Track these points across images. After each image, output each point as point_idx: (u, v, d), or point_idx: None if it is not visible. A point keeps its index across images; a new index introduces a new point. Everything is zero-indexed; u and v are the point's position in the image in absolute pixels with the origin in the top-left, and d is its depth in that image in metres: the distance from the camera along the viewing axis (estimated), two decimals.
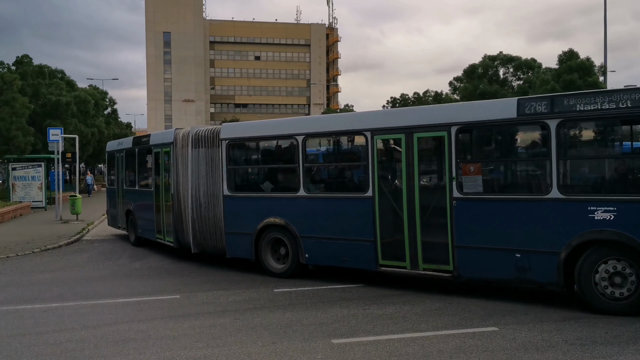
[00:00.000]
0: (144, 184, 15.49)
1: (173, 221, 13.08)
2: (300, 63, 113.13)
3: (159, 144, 14.03)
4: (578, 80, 34.01)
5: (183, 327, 7.70)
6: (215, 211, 11.88)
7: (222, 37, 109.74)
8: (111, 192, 18.20)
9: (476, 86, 42.89)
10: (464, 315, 7.99)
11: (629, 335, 6.88)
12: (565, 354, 6.25)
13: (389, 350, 6.49)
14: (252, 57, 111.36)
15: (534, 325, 7.37)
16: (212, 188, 11.93)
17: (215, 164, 11.85)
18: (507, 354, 6.29)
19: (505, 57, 44.86)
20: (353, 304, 8.85)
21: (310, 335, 7.20)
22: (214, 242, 12.08)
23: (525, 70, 44.62)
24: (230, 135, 11.68)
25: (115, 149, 17.62)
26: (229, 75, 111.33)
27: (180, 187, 12.73)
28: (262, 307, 8.79)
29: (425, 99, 58.19)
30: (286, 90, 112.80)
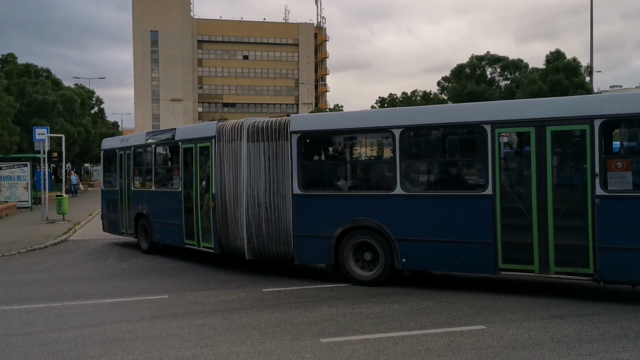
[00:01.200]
0: (166, 184, 14.15)
1: (214, 225, 11.67)
2: (288, 62, 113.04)
3: (191, 139, 12.57)
4: (564, 80, 34.28)
5: (171, 327, 7.67)
6: (279, 212, 10.67)
7: (210, 36, 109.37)
8: (109, 195, 16.38)
9: (464, 86, 43.04)
10: (452, 314, 8.04)
11: (615, 332, 6.95)
12: (552, 351, 6.31)
13: (378, 349, 6.51)
14: (241, 57, 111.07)
15: (521, 324, 7.42)
16: (275, 186, 10.72)
17: (280, 159, 10.69)
18: (494, 351, 6.34)
19: (493, 57, 45.09)
20: (342, 303, 8.86)
21: (299, 334, 7.20)
22: (277, 247, 10.82)
23: (512, 70, 44.89)
24: (304, 128, 10.56)
25: (117, 146, 15.87)
26: (217, 75, 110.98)
27: (226, 187, 11.43)
28: (250, 307, 8.78)
29: (413, 98, 58.33)
30: (274, 89, 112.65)
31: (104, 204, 16.95)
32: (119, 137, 16.55)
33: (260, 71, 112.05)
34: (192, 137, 12.63)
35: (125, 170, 15.35)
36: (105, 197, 16.78)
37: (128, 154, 15.15)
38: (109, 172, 16.85)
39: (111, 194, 16.26)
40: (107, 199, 16.64)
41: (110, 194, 16.31)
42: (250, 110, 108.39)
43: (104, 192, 16.82)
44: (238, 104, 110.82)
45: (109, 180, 16.73)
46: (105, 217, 16.86)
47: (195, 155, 12.40)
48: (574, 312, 7.98)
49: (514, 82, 43.10)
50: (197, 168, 12.37)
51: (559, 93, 32.75)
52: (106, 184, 16.86)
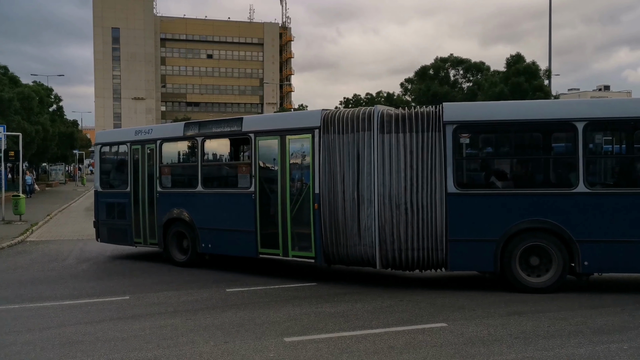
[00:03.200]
0: (225, 183, 12.22)
1: (317, 230, 10.11)
2: (253, 62, 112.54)
3: (273, 130, 10.86)
4: (524, 83, 35.09)
5: (133, 329, 7.57)
6: (425, 214, 9.40)
7: (174, 35, 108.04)
8: (112, 198, 13.77)
9: (428, 87, 43.65)
10: (414, 312, 8.16)
11: (571, 329, 7.17)
12: (509, 347, 6.47)
13: (341, 347, 6.56)
14: (205, 56, 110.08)
15: (480, 321, 7.58)
16: (419, 184, 9.43)
17: (425, 153, 9.43)
18: (454, 348, 6.46)
19: (456, 59, 45.89)
20: (306, 302, 8.89)
21: (262, 333, 7.20)
22: (419, 253, 9.51)
23: (474, 72, 45.77)
24: (461, 118, 9.41)
25: (127, 139, 13.42)
26: (180, 74, 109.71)
27: (340, 185, 9.94)
28: (214, 307, 8.73)
29: (378, 99, 58.83)
30: (239, 89, 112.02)
31: (101, 209, 14.00)
32: (128, 129, 14.06)
33: (224, 70, 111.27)
34: (276, 129, 10.85)
35: (143, 169, 12.97)
36: (103, 200, 13.95)
37: (150, 148, 12.85)
38: (110, 170, 14.38)
39: (116, 197, 13.64)
40: (107, 204, 13.85)
41: (114, 197, 13.69)
42: (214, 109, 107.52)
43: (101, 195, 14.00)
44: (202, 103, 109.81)
45: (111, 180, 14.23)
46: (104, 224, 13.93)
47: (283, 149, 10.63)
48: (532, 309, 8.19)
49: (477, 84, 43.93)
50: (285, 164, 10.59)
51: (519, 95, 33.51)
52: (105, 185, 14.11)
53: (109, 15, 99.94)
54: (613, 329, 7.14)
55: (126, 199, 13.29)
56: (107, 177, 14.32)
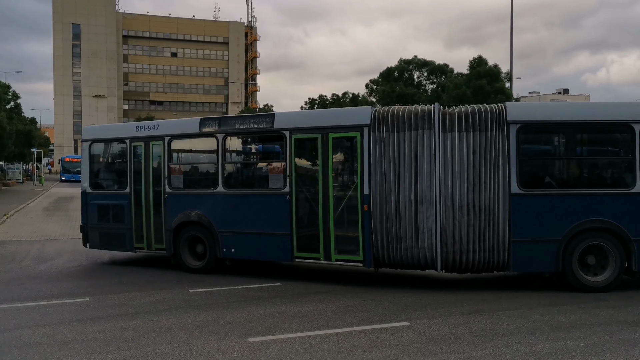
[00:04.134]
0: (253, 183, 11.61)
1: (367, 232, 9.69)
2: (218, 61, 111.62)
3: (313, 128, 10.27)
4: (486, 85, 35.79)
5: (92, 331, 7.42)
6: (487, 215, 9.24)
7: (137, 32, 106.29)
8: (106, 200, 12.61)
9: (392, 89, 44.09)
10: (377, 311, 8.23)
11: (530, 326, 7.34)
12: (470, 344, 6.59)
13: (305, 347, 6.57)
14: (169, 54, 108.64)
15: (442, 319, 7.70)
16: (482, 185, 9.26)
17: (488, 152, 9.28)
18: (417, 346, 6.55)
19: (420, 61, 46.53)
20: (270, 302, 8.87)
21: (226, 334, 7.15)
22: (480, 255, 9.34)
23: (438, 74, 46.46)
24: (525, 118, 9.37)
25: (126, 135, 12.27)
26: (143, 72, 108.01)
27: (395, 185, 9.54)
28: (177, 308, 8.63)
29: (343, 100, 59.11)
30: (203, 88, 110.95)
31: (91, 212, 12.69)
32: (127, 125, 13.01)
33: (189, 69, 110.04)
34: (316, 126, 10.28)
35: (147, 168, 11.92)
36: (94, 203, 12.65)
37: (156, 145, 11.82)
38: (103, 169, 13.29)
39: (111, 199, 12.52)
40: (100, 206, 12.62)
41: (109, 198, 12.58)
42: (179, 108, 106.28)
43: (92, 197, 12.69)
44: (166, 102, 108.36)
45: (104, 180, 13.18)
46: (95, 228, 12.66)
47: (324, 148, 10.08)
48: (492, 307, 8.36)
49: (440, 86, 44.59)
50: (327, 164, 10.06)
51: (481, 98, 34.16)
52: (96, 186, 12.86)
53: (70, 11, 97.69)
54: (570, 326, 7.34)
55: (125, 201, 12.15)
56: (99, 177, 13.13)
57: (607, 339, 6.73)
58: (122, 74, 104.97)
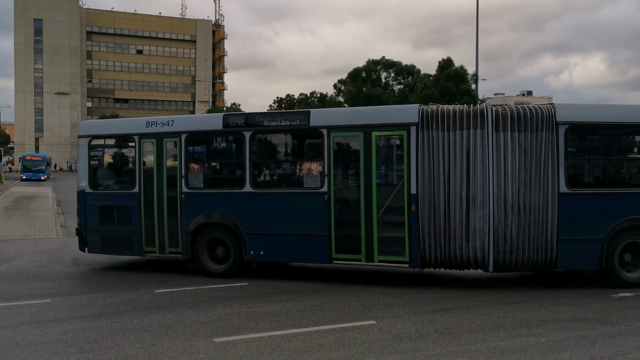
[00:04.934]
0: (286, 182, 11.11)
1: (414, 233, 9.56)
2: (185, 59, 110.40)
3: (355, 126, 10.09)
4: (453, 87, 36.30)
5: (54, 332, 7.26)
6: (536, 214, 9.33)
7: (101, 28, 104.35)
8: (105, 201, 11.74)
9: (360, 89, 44.34)
10: (344, 310, 8.26)
11: (493, 323, 7.48)
12: (435, 342, 6.67)
13: (271, 347, 6.56)
14: (134, 51, 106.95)
15: (408, 318, 7.78)
16: (530, 185, 9.35)
17: (538, 152, 9.35)
18: (383, 345, 6.60)
19: (387, 62, 46.92)
20: (236, 302, 8.83)
21: (192, 335, 7.09)
22: (529, 254, 9.38)
23: (405, 75, 46.93)
24: (574, 119, 9.52)
25: (135, 131, 11.51)
26: (108, 69, 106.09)
27: (445, 185, 9.46)
28: (141, 309, 8.51)
29: (311, 100, 59.15)
30: (170, 86, 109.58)
31: (91, 214, 11.71)
32: (135, 120, 12.23)
33: (155, 67, 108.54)
34: (358, 124, 10.08)
35: (160, 166, 11.21)
36: (95, 204, 11.71)
37: (170, 143, 11.15)
38: (106, 168, 12.47)
39: (115, 200, 11.71)
40: (102, 207, 11.72)
41: (114, 199, 11.75)
42: (144, 107, 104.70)
43: (92, 197, 11.72)
44: (131, 100, 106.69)
45: (108, 179, 12.39)
46: (96, 232, 11.68)
47: (367, 146, 9.86)
48: (457, 305, 8.48)
49: (407, 87, 45.02)
50: (370, 163, 9.84)
51: (449, 98, 34.63)
52: (97, 186, 11.96)
53: (32, 6, 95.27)
54: (531, 323, 7.50)
55: (133, 202, 11.31)
56: (101, 176, 12.29)
57: (567, 336, 6.90)
58: (85, 70, 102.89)
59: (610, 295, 9.08)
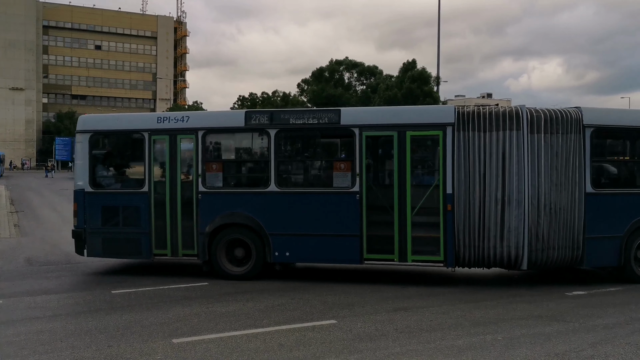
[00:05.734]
0: (314, 182, 10.82)
1: (449, 232, 9.64)
2: (145, 56, 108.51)
3: (387, 125, 10.03)
4: (416, 89, 36.71)
5: (6, 334, 7.04)
6: (565, 213, 9.67)
7: (58, 22, 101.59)
8: (108, 201, 10.98)
9: (323, 89, 44.43)
10: (305, 310, 8.26)
11: (451, 322, 7.59)
12: (394, 341, 6.73)
13: (231, 347, 6.50)
14: (92, 46, 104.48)
15: (368, 317, 7.82)
16: (560, 185, 9.67)
17: (567, 153, 9.70)
18: (343, 344, 6.62)
19: (351, 62, 47.15)
20: (196, 302, 8.72)
21: (149, 336, 6.97)
22: (558, 252, 9.69)
23: (368, 75, 47.25)
24: (598, 122, 9.94)
25: (143, 127, 10.88)
26: (65, 64, 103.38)
27: (481, 185, 9.60)
28: (98, 310, 8.32)
29: (274, 99, 58.95)
30: (130, 83, 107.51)
31: (92, 214, 10.91)
32: (144, 115, 11.37)
33: (114, 63, 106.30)
34: (392, 123, 10.01)
35: (173, 164, 10.65)
36: (97, 203, 10.93)
37: (185, 140, 10.69)
38: (110, 165, 11.74)
39: (122, 199, 11.03)
40: (105, 207, 10.97)
41: (119, 199, 11.05)
42: (103, 103, 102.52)
43: (94, 197, 10.92)
44: (89, 96, 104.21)
45: (112, 178, 11.64)
46: (97, 233, 10.88)
47: (401, 146, 9.84)
48: (416, 304, 8.58)
49: (370, 88, 45.34)
50: (405, 162, 9.83)
51: (411, 100, 35.02)
52: (99, 185, 11.20)
53: None
54: (489, 321, 7.65)
55: (141, 202, 10.70)
56: (104, 174, 11.55)
57: (523, 333, 7.05)
58: (41, 65, 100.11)
59: (564, 294, 9.33)
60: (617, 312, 8.17)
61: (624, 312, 8.13)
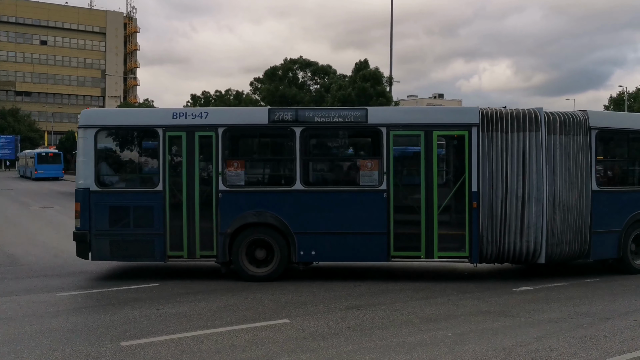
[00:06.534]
0: (340, 180, 10.89)
1: (474, 229, 9.91)
2: (94, 52, 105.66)
3: (418, 125, 10.18)
4: (369, 88, 36.97)
5: None
6: (575, 210, 10.29)
7: (2, 16, 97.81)
8: (117, 200, 10.31)
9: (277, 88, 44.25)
10: (257, 310, 8.20)
11: (403, 319, 7.69)
12: (347, 339, 6.76)
13: (182, 349, 6.40)
14: (38, 41, 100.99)
15: (321, 315, 7.84)
16: (570, 184, 10.28)
17: (576, 154, 10.32)
18: (295, 343, 6.61)
19: (305, 61, 47.09)
20: (146, 304, 8.53)
21: (97, 339, 6.78)
22: (568, 247, 10.28)
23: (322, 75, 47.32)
24: (603, 125, 10.70)
25: (157, 123, 10.37)
26: (9, 59, 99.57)
27: (503, 183, 9.97)
28: (42, 313, 8.04)
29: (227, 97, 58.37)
30: (77, 79, 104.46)
31: (99, 215, 10.18)
32: (157, 110, 10.93)
33: (61, 59, 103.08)
34: (420, 123, 10.22)
35: (190, 162, 10.22)
36: (104, 203, 10.23)
37: (204, 137, 10.26)
38: (119, 163, 11.13)
39: (132, 199, 10.38)
40: (114, 207, 10.29)
41: (130, 198, 10.40)
42: (49, 100, 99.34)
43: (98, 196, 10.19)
44: (34, 93, 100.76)
45: (121, 176, 11.05)
46: (105, 235, 10.19)
47: (428, 145, 10.06)
48: (369, 302, 8.65)
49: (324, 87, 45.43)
50: (431, 161, 10.05)
51: (364, 100, 35.26)
52: (106, 184, 10.55)
53: None
54: (439, 317, 7.78)
55: (155, 201, 10.17)
56: (112, 172, 10.88)
57: (472, 329, 7.20)
58: None
59: (512, 290, 9.59)
60: (561, 306, 8.44)
61: (568, 307, 8.41)
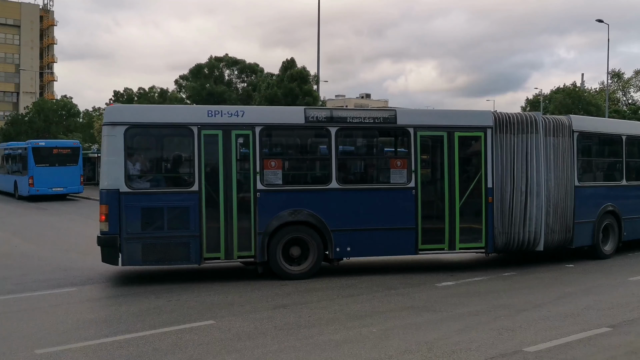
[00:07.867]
0: (372, 178, 11.27)
1: (490, 222, 10.96)
2: (7, 45, 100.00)
3: (441, 126, 10.92)
4: (296, 87, 37.01)
5: None
6: (564, 203, 11.65)
7: None
8: (150, 202, 9.79)
9: (203, 85, 43.54)
10: (182, 312, 8.02)
11: (329, 317, 7.74)
12: (273, 338, 6.73)
13: (100, 355, 6.15)
14: None
15: (248, 316, 7.76)
16: (561, 179, 11.60)
17: (562, 153, 11.64)
18: (221, 344, 6.51)
19: (231, 59, 46.60)
20: (62, 310, 8.16)
21: (9, 348, 6.40)
22: (558, 236, 11.61)
23: (249, 73, 46.98)
24: (584, 129, 12.16)
25: (191, 121, 9.95)
26: None
27: (510, 180, 11.10)
28: None
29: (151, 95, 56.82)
30: None
31: (130, 217, 9.61)
32: (192, 107, 10.97)
33: None
34: (443, 125, 10.93)
35: (227, 161, 9.92)
36: (136, 205, 9.65)
37: (241, 135, 10.05)
38: (152, 162, 10.65)
39: (167, 200, 9.89)
40: (146, 209, 9.72)
41: (162, 199, 9.91)
42: None
43: (129, 198, 9.61)
44: None
45: (150, 175, 10.48)
46: (137, 239, 9.64)
47: (450, 145, 10.84)
48: (295, 301, 8.65)
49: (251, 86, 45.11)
50: (453, 160, 10.85)
51: (291, 99, 35.28)
52: (138, 184, 9.95)
53: None
54: (365, 314, 7.88)
55: (191, 202, 9.79)
56: (143, 172, 10.27)
57: (396, 324, 7.34)
58: None
59: (435, 285, 9.87)
60: (481, 300, 8.77)
61: (488, 300, 8.75)
